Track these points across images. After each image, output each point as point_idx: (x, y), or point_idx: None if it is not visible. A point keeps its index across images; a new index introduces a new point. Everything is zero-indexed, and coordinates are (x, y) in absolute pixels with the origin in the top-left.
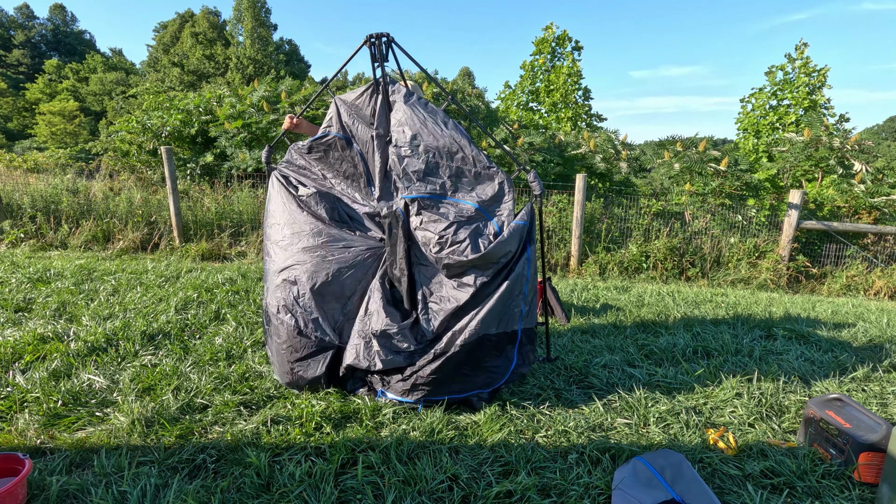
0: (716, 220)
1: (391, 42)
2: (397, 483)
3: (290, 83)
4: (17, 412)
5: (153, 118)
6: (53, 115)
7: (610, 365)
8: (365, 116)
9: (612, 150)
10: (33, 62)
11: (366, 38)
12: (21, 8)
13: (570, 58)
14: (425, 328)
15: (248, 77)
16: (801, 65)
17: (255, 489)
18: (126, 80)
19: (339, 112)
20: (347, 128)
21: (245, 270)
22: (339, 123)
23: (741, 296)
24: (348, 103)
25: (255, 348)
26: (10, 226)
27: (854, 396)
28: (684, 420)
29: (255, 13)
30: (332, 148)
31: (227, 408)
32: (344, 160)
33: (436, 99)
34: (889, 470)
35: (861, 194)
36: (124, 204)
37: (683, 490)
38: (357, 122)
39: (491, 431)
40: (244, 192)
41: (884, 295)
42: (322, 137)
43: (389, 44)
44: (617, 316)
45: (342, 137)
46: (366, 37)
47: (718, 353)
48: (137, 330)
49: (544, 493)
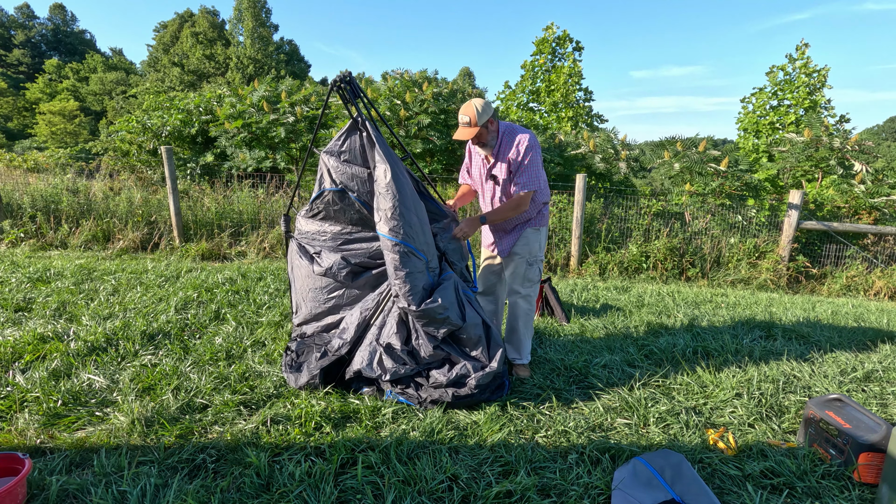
0: (716, 220)
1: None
2: (397, 483)
3: (290, 83)
4: (17, 412)
5: (153, 118)
6: (53, 114)
7: (610, 365)
8: (356, 158)
9: (611, 150)
10: (33, 62)
11: (331, 83)
12: (21, 8)
13: (571, 58)
14: (418, 354)
15: (248, 77)
16: (802, 65)
17: (254, 489)
18: (126, 79)
19: (327, 167)
20: (339, 178)
21: (245, 270)
22: (330, 177)
23: (741, 296)
24: (335, 153)
25: (255, 348)
26: (10, 225)
27: (854, 397)
28: (684, 420)
29: (256, 13)
30: (329, 203)
31: (226, 407)
32: (346, 209)
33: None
34: (889, 470)
35: (861, 195)
36: (124, 204)
37: (683, 490)
38: (349, 168)
39: (491, 431)
40: (244, 191)
41: (884, 295)
42: (319, 196)
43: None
44: (617, 316)
45: (335, 190)
46: (331, 82)
47: (718, 353)
48: (137, 330)
49: (544, 494)
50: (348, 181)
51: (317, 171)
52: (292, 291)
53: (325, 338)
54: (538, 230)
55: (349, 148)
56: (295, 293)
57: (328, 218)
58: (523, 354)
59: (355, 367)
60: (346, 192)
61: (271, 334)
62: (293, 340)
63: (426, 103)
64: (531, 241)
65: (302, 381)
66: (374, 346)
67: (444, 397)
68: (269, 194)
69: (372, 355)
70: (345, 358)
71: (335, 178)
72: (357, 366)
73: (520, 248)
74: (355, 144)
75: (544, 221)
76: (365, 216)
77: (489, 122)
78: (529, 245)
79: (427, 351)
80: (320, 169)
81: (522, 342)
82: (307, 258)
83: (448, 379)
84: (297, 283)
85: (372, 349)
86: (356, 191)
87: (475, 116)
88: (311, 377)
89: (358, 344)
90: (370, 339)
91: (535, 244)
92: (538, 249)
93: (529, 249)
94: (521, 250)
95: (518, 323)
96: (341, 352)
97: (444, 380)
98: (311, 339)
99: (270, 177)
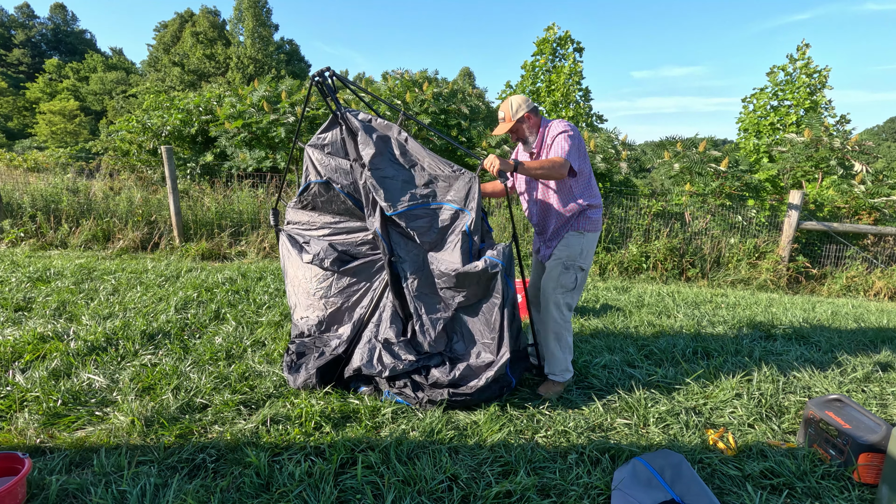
0: (716, 220)
1: (333, 75)
2: (397, 483)
3: (290, 83)
4: (17, 411)
5: (153, 118)
6: (54, 114)
7: (610, 365)
8: (339, 150)
9: (612, 150)
10: (34, 61)
11: (310, 77)
12: (21, 7)
13: (572, 58)
14: (420, 340)
15: (248, 77)
16: (803, 65)
17: (254, 489)
18: (126, 79)
19: (311, 159)
20: (323, 170)
21: (245, 270)
22: (315, 169)
23: (741, 296)
24: (318, 146)
25: (255, 348)
26: (10, 225)
27: (854, 397)
28: (684, 420)
29: (256, 13)
30: (317, 195)
31: (226, 407)
32: (332, 200)
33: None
34: (889, 471)
35: (861, 195)
36: (124, 203)
37: (683, 490)
38: (332, 160)
39: (490, 431)
40: (244, 191)
41: (884, 296)
42: (306, 188)
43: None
44: (617, 316)
45: (320, 182)
46: (309, 76)
47: (718, 353)
48: (137, 329)
49: (544, 494)
50: (332, 173)
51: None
52: (286, 285)
53: (323, 339)
54: (582, 234)
55: (331, 141)
56: (289, 285)
57: (316, 209)
58: (555, 370)
59: (355, 365)
60: (331, 184)
61: (271, 334)
62: (293, 342)
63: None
64: (572, 244)
65: (300, 381)
66: (372, 343)
67: (443, 397)
68: (270, 194)
69: (371, 352)
70: (342, 357)
71: (320, 171)
72: (357, 363)
73: (559, 250)
74: (336, 137)
75: (590, 226)
76: (350, 207)
77: (526, 116)
78: (569, 248)
79: (431, 335)
80: (305, 161)
81: (555, 355)
82: (297, 248)
83: (448, 379)
84: (289, 273)
85: (371, 346)
86: (339, 183)
87: (509, 112)
88: (308, 377)
89: (356, 342)
90: (368, 336)
91: (576, 248)
92: (579, 254)
93: (569, 252)
94: (560, 253)
95: (548, 334)
96: (338, 351)
97: (445, 380)
98: (310, 339)
99: (270, 177)
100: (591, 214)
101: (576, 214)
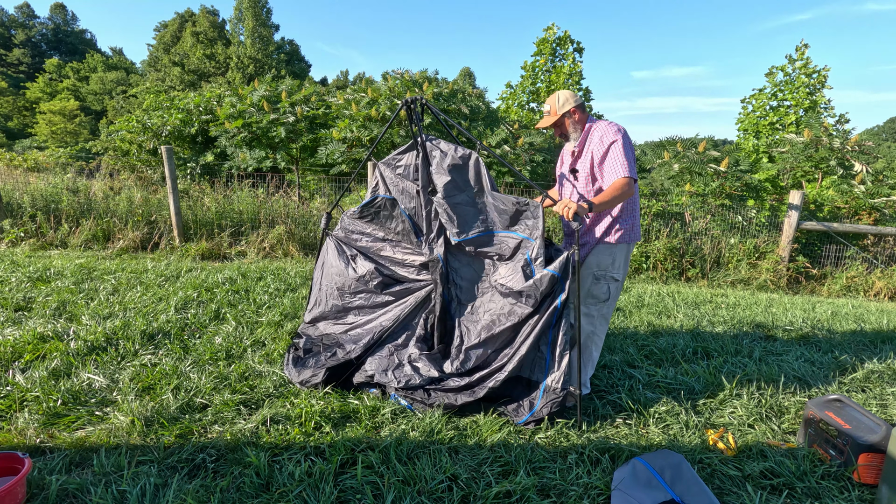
0: (716, 220)
1: (424, 103)
2: (397, 483)
3: (290, 83)
4: (17, 411)
5: (153, 118)
6: (54, 114)
7: (610, 365)
8: (409, 174)
9: None
10: (34, 61)
11: (402, 102)
12: (22, 7)
13: (572, 58)
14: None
15: (248, 77)
16: (802, 65)
17: (254, 489)
18: (126, 79)
19: (382, 176)
20: (392, 189)
21: (245, 270)
22: (385, 186)
23: (741, 296)
24: (392, 165)
25: (255, 348)
26: (10, 225)
27: (854, 397)
28: (684, 420)
29: (256, 12)
30: (382, 209)
31: (226, 407)
32: (394, 219)
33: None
34: (888, 471)
35: (861, 195)
36: (124, 203)
37: (683, 490)
38: (402, 182)
39: (490, 431)
40: (244, 191)
41: (884, 296)
42: (372, 202)
43: (424, 105)
44: (617, 316)
45: (389, 199)
46: (402, 101)
47: (718, 353)
48: (137, 329)
49: (544, 494)
50: (399, 194)
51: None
52: (314, 286)
53: (333, 338)
54: (613, 245)
55: (405, 164)
56: (317, 289)
57: (375, 222)
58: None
59: (368, 372)
60: (397, 203)
61: (271, 334)
62: (300, 337)
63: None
64: (602, 254)
65: (304, 375)
66: (394, 357)
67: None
68: (269, 194)
69: (391, 364)
70: (353, 362)
71: (389, 188)
72: (371, 370)
73: (590, 259)
74: (411, 161)
75: (625, 237)
76: (407, 229)
77: (572, 111)
78: (599, 258)
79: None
80: (376, 177)
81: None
82: (343, 259)
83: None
84: (325, 280)
85: (392, 359)
86: (404, 204)
87: (555, 106)
88: (315, 373)
89: (372, 351)
90: (390, 349)
91: (608, 258)
92: (610, 264)
93: (598, 261)
94: (591, 261)
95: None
96: (351, 355)
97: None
98: (318, 338)
99: (270, 177)
100: (622, 224)
101: (609, 223)
